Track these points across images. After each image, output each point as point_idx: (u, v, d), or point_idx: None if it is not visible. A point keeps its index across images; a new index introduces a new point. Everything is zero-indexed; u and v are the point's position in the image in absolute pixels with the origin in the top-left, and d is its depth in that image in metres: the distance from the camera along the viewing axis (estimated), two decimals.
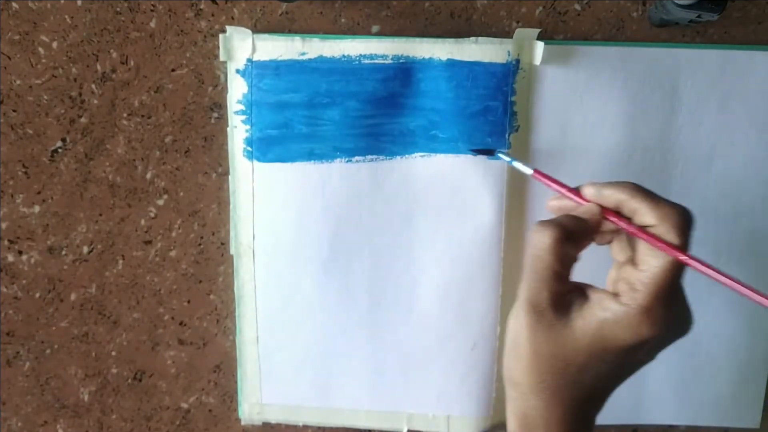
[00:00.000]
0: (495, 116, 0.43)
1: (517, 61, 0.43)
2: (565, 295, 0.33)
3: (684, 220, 0.32)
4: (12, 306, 0.47)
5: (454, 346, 0.46)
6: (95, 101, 0.45)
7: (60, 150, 0.45)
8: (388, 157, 0.45)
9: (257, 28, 0.44)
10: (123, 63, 0.44)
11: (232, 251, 0.46)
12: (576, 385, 0.34)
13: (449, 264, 0.45)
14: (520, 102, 0.44)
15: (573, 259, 0.34)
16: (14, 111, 0.45)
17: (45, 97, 0.45)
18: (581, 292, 0.34)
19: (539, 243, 0.33)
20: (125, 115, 0.45)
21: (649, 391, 0.49)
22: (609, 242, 0.37)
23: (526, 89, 0.44)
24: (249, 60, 0.43)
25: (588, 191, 0.35)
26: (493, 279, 0.45)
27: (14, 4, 0.43)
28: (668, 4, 0.41)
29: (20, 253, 0.47)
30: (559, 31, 0.44)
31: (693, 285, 0.48)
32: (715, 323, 0.48)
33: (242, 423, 0.49)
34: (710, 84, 0.44)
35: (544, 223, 0.33)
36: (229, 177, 0.45)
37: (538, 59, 0.43)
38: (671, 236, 0.32)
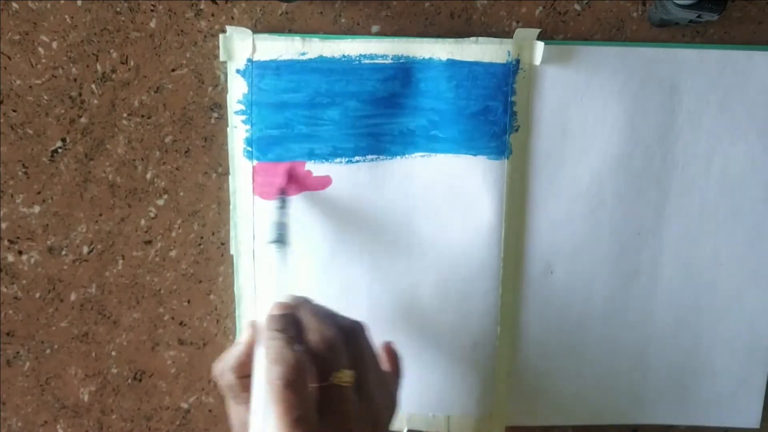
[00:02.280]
0: (495, 116, 0.43)
1: (517, 61, 0.43)
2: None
3: (280, 380, 0.33)
4: (12, 306, 0.47)
5: (454, 346, 0.46)
6: (95, 101, 0.45)
7: (60, 150, 0.45)
8: (388, 157, 0.45)
9: (257, 28, 0.44)
10: (123, 63, 0.44)
11: (232, 251, 0.46)
12: None
13: (449, 264, 0.45)
14: (520, 102, 0.44)
15: (239, 384, 0.37)
16: (14, 111, 0.45)
17: (45, 97, 0.45)
18: None
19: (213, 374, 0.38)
20: (125, 115, 0.45)
21: (649, 391, 0.49)
22: None
23: (526, 89, 0.44)
24: (249, 60, 0.43)
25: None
26: (493, 279, 0.45)
27: (14, 4, 0.43)
28: (668, 4, 0.41)
29: (20, 253, 0.47)
30: (559, 31, 0.44)
31: (693, 285, 0.48)
32: (715, 323, 0.48)
33: None
34: (710, 84, 0.44)
35: (216, 360, 0.38)
36: (229, 177, 0.45)
37: (538, 59, 0.43)
38: (271, 396, 0.33)
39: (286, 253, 0.40)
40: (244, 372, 0.37)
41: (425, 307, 0.46)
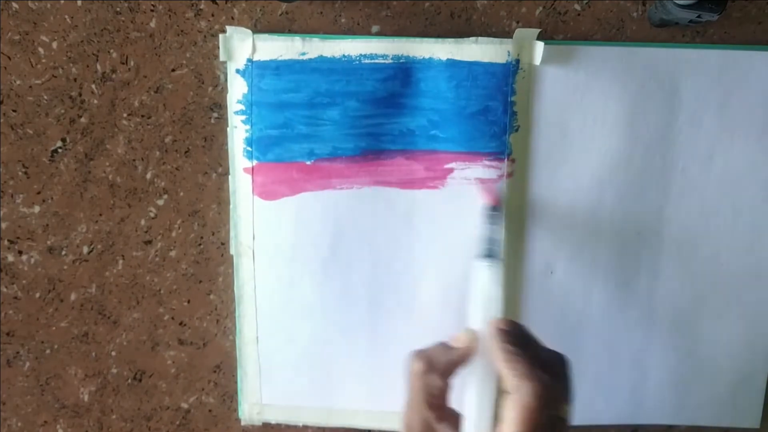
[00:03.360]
0: (495, 116, 0.43)
1: (517, 61, 0.43)
2: (438, 423, 0.35)
3: (534, 400, 0.32)
4: (12, 306, 0.47)
5: None
6: (95, 101, 0.45)
7: (60, 150, 0.45)
8: (388, 158, 0.45)
9: (257, 28, 0.44)
10: (123, 63, 0.44)
11: (232, 251, 0.46)
12: None
13: (449, 264, 0.45)
14: (520, 102, 0.44)
15: (440, 388, 0.36)
16: (14, 111, 0.45)
17: (45, 97, 0.45)
18: (455, 423, 0.36)
19: (410, 371, 0.36)
20: (125, 115, 0.45)
21: (649, 391, 0.49)
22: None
23: (526, 89, 0.44)
24: (249, 60, 0.43)
25: (468, 332, 0.38)
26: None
27: (14, 4, 0.43)
28: (668, 4, 0.41)
29: (20, 253, 0.47)
30: (559, 31, 0.44)
31: (693, 285, 0.48)
32: (715, 324, 0.48)
33: (242, 423, 0.49)
34: (710, 84, 0.44)
35: (417, 351, 0.36)
36: (229, 177, 0.45)
37: (538, 59, 0.43)
38: (513, 409, 0.33)
39: (498, 269, 0.39)
40: (448, 378, 0.36)
41: (425, 307, 0.46)
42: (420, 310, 0.46)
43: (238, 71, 0.44)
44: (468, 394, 0.35)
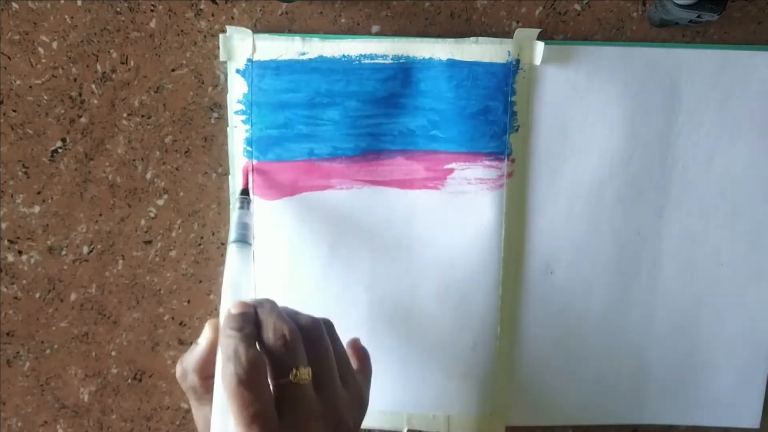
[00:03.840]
0: (495, 116, 0.43)
1: (517, 61, 0.43)
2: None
3: (232, 378, 0.32)
4: (12, 306, 0.47)
5: (454, 346, 0.46)
6: (95, 101, 0.45)
7: (60, 150, 0.45)
8: (388, 158, 0.45)
9: (257, 28, 0.44)
10: (123, 63, 0.44)
11: None
12: None
13: (449, 264, 0.45)
14: (520, 102, 0.44)
15: (202, 385, 0.36)
16: (14, 111, 0.45)
17: (45, 97, 0.45)
18: None
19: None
20: (125, 115, 0.45)
21: (649, 391, 0.49)
22: None
23: (526, 89, 0.44)
24: (249, 60, 0.43)
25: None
26: (493, 279, 0.45)
27: (14, 4, 0.43)
28: (668, 4, 0.41)
29: (20, 253, 0.47)
30: (559, 31, 0.44)
31: (693, 285, 0.48)
32: (715, 323, 0.48)
33: None
34: (710, 84, 0.44)
35: (179, 359, 0.38)
36: (229, 177, 0.45)
37: (538, 59, 0.43)
38: (225, 396, 0.33)
39: (248, 253, 0.39)
40: (207, 373, 0.36)
41: (425, 307, 0.46)
42: (420, 310, 0.46)
43: (238, 71, 0.44)
44: (216, 382, 0.35)
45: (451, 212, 0.45)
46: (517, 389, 0.48)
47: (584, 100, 0.44)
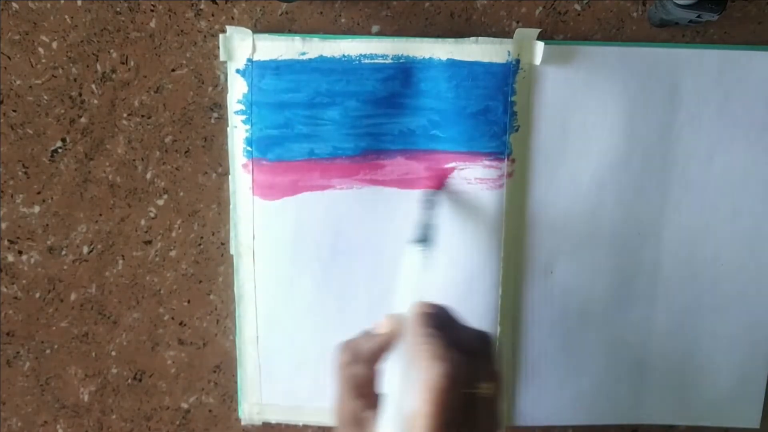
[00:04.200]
0: (495, 116, 0.43)
1: (517, 61, 0.43)
2: (364, 411, 0.35)
3: (442, 380, 0.32)
4: (12, 306, 0.47)
5: None
6: (95, 101, 0.45)
7: (60, 150, 0.45)
8: (388, 158, 0.45)
9: (257, 28, 0.44)
10: (123, 63, 0.44)
11: (232, 251, 0.46)
12: None
13: (449, 264, 0.45)
14: (520, 102, 0.44)
15: (365, 376, 0.35)
16: (14, 111, 0.45)
17: (45, 97, 0.45)
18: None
19: (335, 362, 0.36)
20: (125, 115, 0.45)
21: (649, 391, 0.49)
22: None
23: (526, 89, 0.44)
24: (249, 60, 0.43)
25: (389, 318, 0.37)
26: (493, 279, 0.45)
27: (14, 4, 0.43)
28: (668, 4, 0.41)
29: (20, 253, 0.47)
30: (559, 31, 0.44)
31: (693, 285, 0.48)
32: (715, 323, 0.48)
33: (242, 423, 0.49)
34: (710, 84, 0.44)
35: (343, 343, 0.36)
36: (229, 177, 0.45)
37: (538, 59, 0.43)
38: (420, 391, 0.32)
39: (431, 254, 0.39)
40: (374, 365, 0.35)
41: None
42: None
43: (238, 71, 0.44)
44: (391, 379, 0.35)
45: (451, 212, 0.45)
46: (517, 389, 0.48)
47: (584, 100, 0.44)
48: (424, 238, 0.40)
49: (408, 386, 0.33)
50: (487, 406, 0.33)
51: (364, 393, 0.35)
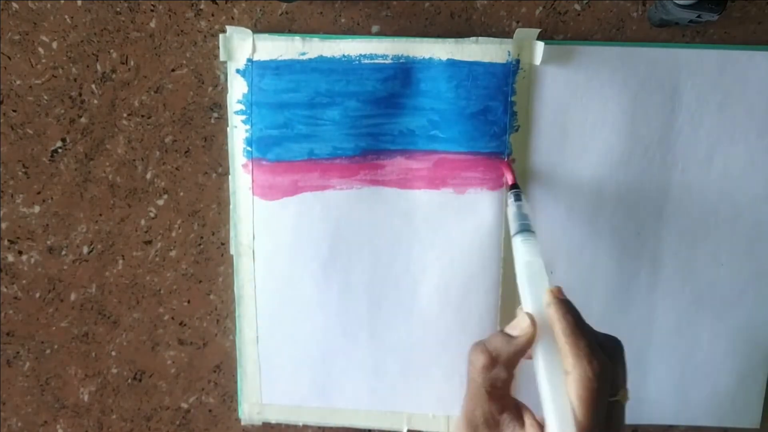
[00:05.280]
0: (495, 116, 0.43)
1: (517, 61, 0.43)
2: (500, 414, 0.34)
3: (597, 380, 0.31)
4: (12, 306, 0.47)
5: (454, 346, 0.46)
6: (95, 101, 0.45)
7: (60, 150, 0.45)
8: (388, 158, 0.45)
9: (257, 28, 0.44)
10: (123, 63, 0.44)
11: (232, 251, 0.46)
12: None
13: (449, 264, 0.45)
14: (520, 102, 0.44)
15: (505, 380, 0.34)
16: (14, 111, 0.45)
17: (45, 97, 0.45)
18: (518, 413, 0.34)
19: (471, 365, 0.35)
20: (125, 115, 0.45)
21: (649, 391, 0.49)
22: None
23: (526, 89, 0.44)
24: (249, 60, 0.43)
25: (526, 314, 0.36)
26: (493, 279, 0.45)
27: (14, 4, 0.43)
28: (668, 4, 0.41)
29: (20, 253, 0.47)
30: (559, 31, 0.44)
31: (693, 285, 0.48)
32: (715, 323, 0.48)
33: (242, 423, 0.49)
34: (710, 84, 0.44)
35: (478, 344, 0.35)
36: (229, 177, 0.45)
37: (538, 59, 0.43)
38: (573, 390, 0.31)
39: (535, 241, 0.38)
40: (513, 368, 0.34)
41: (425, 307, 0.46)
42: (420, 310, 0.46)
43: (238, 71, 0.44)
44: (540, 382, 0.33)
45: (451, 212, 0.45)
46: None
47: (584, 100, 0.44)
48: (524, 228, 0.39)
49: (560, 388, 0.32)
50: (622, 413, 0.32)
51: (499, 396, 0.34)
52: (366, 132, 0.44)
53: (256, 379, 0.48)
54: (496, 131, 0.44)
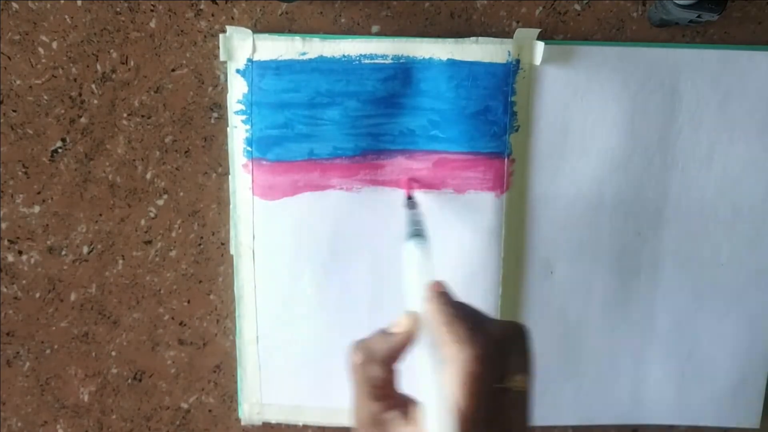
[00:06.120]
0: (495, 116, 0.43)
1: (517, 61, 0.43)
2: (386, 412, 0.33)
3: (475, 366, 0.29)
4: (12, 306, 0.47)
5: None
6: (95, 101, 0.45)
7: (60, 150, 0.45)
8: (388, 158, 0.45)
9: (257, 28, 0.44)
10: (123, 63, 0.44)
11: (232, 251, 0.46)
12: None
13: (449, 264, 0.45)
14: (520, 102, 0.44)
15: (383, 378, 0.33)
16: (14, 111, 0.45)
17: (45, 97, 0.45)
18: (407, 410, 0.33)
19: (349, 364, 0.34)
20: (125, 115, 0.45)
21: (649, 391, 0.49)
22: None
23: (526, 89, 0.44)
24: (249, 60, 0.43)
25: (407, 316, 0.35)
26: (493, 279, 0.45)
27: (14, 4, 0.43)
28: (668, 4, 0.41)
29: (20, 253, 0.47)
30: (559, 31, 0.44)
31: (693, 285, 0.48)
32: (715, 323, 0.48)
33: (242, 423, 0.49)
34: (710, 84, 0.44)
35: (356, 343, 0.34)
36: (229, 177, 0.45)
37: (538, 59, 0.43)
38: (453, 377, 0.30)
39: (427, 247, 0.38)
40: (391, 366, 0.33)
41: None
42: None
43: (238, 71, 0.44)
44: (421, 377, 0.32)
45: (451, 212, 0.45)
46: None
47: (584, 100, 0.44)
48: (417, 233, 0.39)
49: (440, 379, 0.31)
50: (520, 401, 0.31)
51: (382, 395, 0.33)
52: (366, 132, 0.44)
53: (256, 379, 0.48)
54: (496, 131, 0.44)
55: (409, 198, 0.44)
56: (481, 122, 0.43)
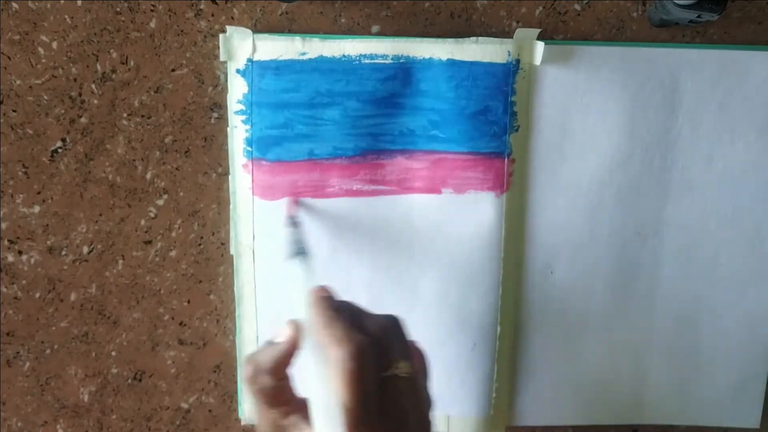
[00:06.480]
0: (495, 116, 0.43)
1: (517, 61, 0.43)
2: (286, 418, 0.34)
3: (352, 362, 0.31)
4: (12, 306, 0.47)
5: (454, 346, 0.46)
6: (95, 101, 0.45)
7: (60, 150, 0.45)
8: (388, 158, 0.45)
9: (257, 28, 0.44)
10: (123, 63, 0.44)
11: (232, 251, 0.46)
12: None
13: (449, 264, 0.45)
14: (520, 102, 0.44)
15: (274, 386, 0.34)
16: (14, 111, 0.45)
17: (45, 97, 0.45)
18: (305, 411, 0.34)
19: (242, 378, 0.35)
20: (125, 115, 0.45)
21: (649, 391, 0.49)
22: None
23: (526, 89, 0.44)
24: (249, 60, 0.43)
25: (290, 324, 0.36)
26: (493, 279, 0.45)
27: (14, 4, 0.43)
28: (668, 4, 0.41)
29: (20, 253, 0.47)
30: (559, 31, 0.44)
31: (693, 285, 0.48)
32: (715, 324, 0.48)
33: (242, 423, 0.49)
34: (710, 84, 0.44)
35: (246, 357, 0.35)
36: (229, 177, 0.45)
37: (538, 59, 0.43)
38: (335, 376, 0.31)
39: (310, 263, 0.39)
40: (281, 374, 0.34)
41: (425, 307, 0.46)
42: (420, 311, 0.46)
43: (238, 71, 0.44)
44: (309, 380, 0.33)
45: (451, 212, 0.45)
46: (517, 390, 0.48)
47: (584, 100, 0.44)
48: (299, 252, 0.40)
49: (325, 380, 0.32)
50: (409, 386, 0.33)
51: (278, 402, 0.34)
52: (366, 132, 0.44)
53: None
54: (496, 131, 0.44)
55: (291, 217, 0.44)
56: (481, 122, 0.43)
